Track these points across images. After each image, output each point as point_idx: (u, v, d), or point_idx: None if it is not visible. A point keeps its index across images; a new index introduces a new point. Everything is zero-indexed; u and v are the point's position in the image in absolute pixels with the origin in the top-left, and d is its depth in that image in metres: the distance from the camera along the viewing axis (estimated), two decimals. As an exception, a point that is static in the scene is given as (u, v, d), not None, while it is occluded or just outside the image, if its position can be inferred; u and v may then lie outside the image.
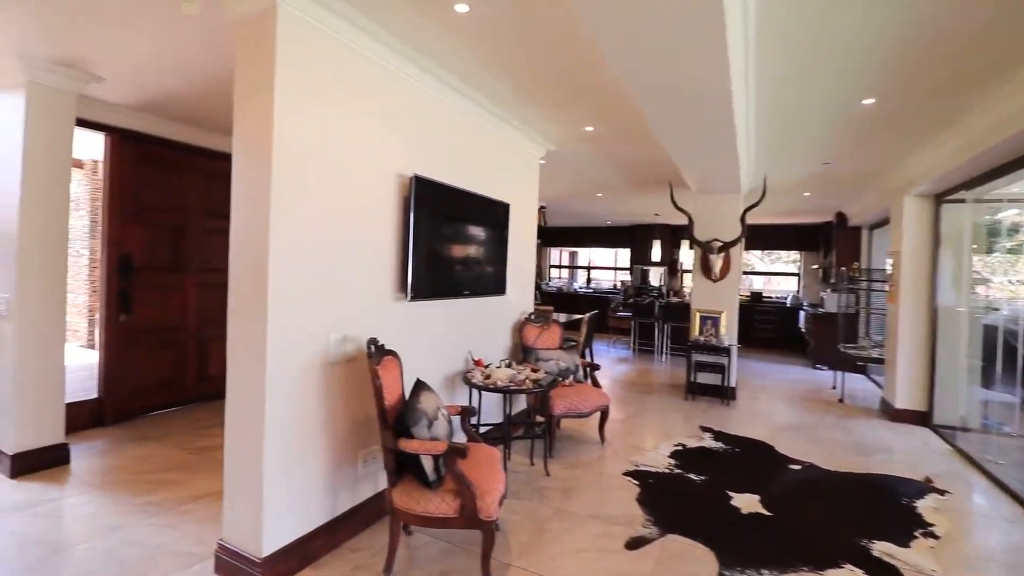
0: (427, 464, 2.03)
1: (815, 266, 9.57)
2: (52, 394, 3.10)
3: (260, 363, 2.00)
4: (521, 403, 4.14)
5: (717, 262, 5.41)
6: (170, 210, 4.28)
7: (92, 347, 6.37)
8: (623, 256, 12.81)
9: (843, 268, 6.68)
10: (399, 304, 2.74)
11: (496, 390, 2.96)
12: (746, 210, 5.14)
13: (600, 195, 7.24)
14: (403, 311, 2.78)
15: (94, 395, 3.88)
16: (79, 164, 6.30)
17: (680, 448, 3.84)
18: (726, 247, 5.35)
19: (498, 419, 3.62)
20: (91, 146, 4.88)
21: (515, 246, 3.92)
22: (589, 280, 13.26)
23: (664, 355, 8.03)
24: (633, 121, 3.64)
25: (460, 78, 2.99)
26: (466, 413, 2.54)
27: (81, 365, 4.95)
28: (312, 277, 2.19)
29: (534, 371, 3.28)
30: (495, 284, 3.60)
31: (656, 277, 11.04)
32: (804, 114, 3.45)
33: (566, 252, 13.49)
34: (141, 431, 3.78)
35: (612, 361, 7.62)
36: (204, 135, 4.41)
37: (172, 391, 4.32)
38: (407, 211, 2.69)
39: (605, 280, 13.32)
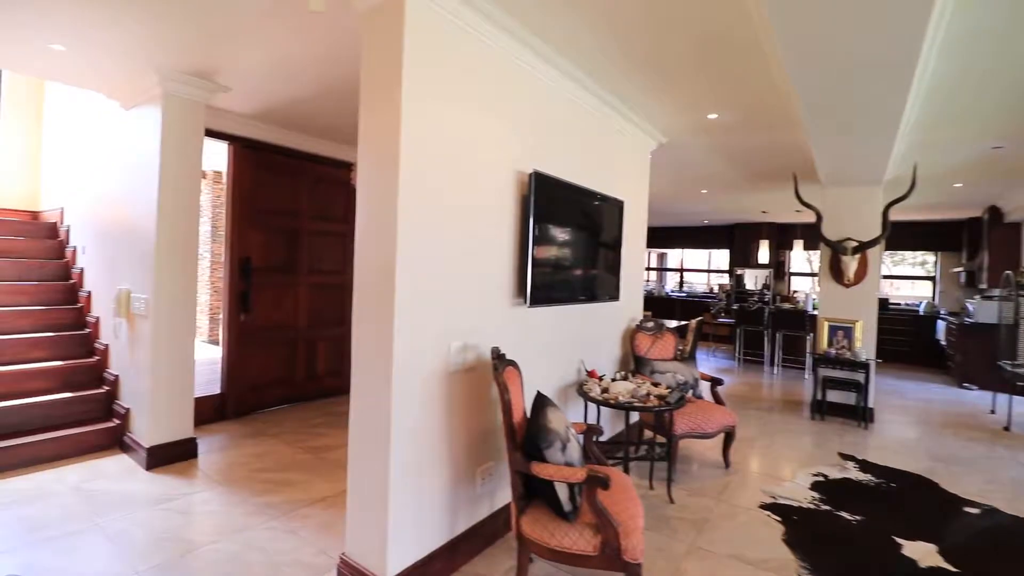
0: (562, 493, 1.80)
1: (956, 269, 8.30)
2: (183, 390, 3.25)
3: (387, 371, 1.88)
4: (631, 419, 3.82)
5: (851, 264, 4.75)
6: (283, 214, 4.43)
7: (215, 343, 6.87)
8: (717, 257, 11.98)
9: (1008, 273, 5.65)
10: (515, 310, 2.55)
11: (617, 406, 2.68)
12: (890, 204, 4.45)
13: (704, 191, 6.71)
14: (519, 317, 2.59)
15: (217, 390, 4.09)
16: (202, 174, 6.81)
17: (821, 479, 3.33)
18: (863, 247, 4.68)
19: (606, 435, 3.33)
20: (208, 158, 5.21)
21: (628, 247, 3.62)
22: (682, 283, 12.53)
23: (775, 367, 7.30)
24: (769, 105, 3.21)
25: (577, 64, 2.75)
26: (592, 432, 2.29)
27: (201, 360, 5.30)
28: (433, 281, 2.05)
29: (655, 385, 2.96)
30: (610, 288, 3.33)
31: (752, 280, 10.15)
32: (989, 82, 2.85)
33: (655, 253, 12.85)
34: (257, 427, 3.91)
35: (715, 372, 7.04)
36: (313, 141, 4.53)
37: (283, 388, 4.47)
38: (526, 210, 2.50)
39: (697, 283, 12.53)
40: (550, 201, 2.61)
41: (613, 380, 3.02)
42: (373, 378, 1.94)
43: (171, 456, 3.16)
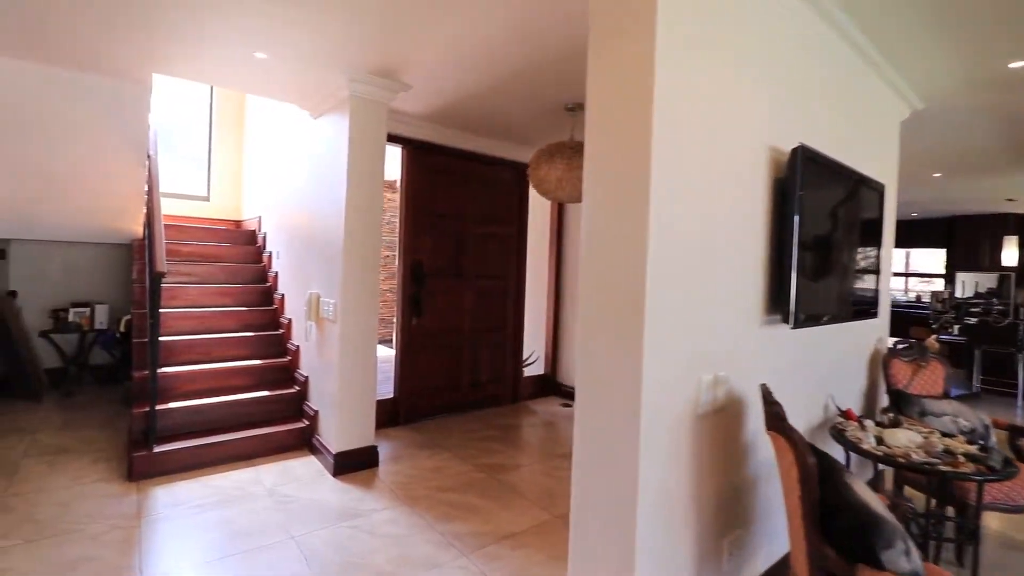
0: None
1: None
2: (366, 396, 3.19)
3: (632, 411, 1.43)
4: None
5: None
6: (451, 217, 4.30)
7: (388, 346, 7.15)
8: (921, 258, 9.82)
9: None
10: (766, 331, 1.96)
11: (907, 467, 1.93)
12: None
13: (937, 175, 5.32)
14: (771, 340, 1.99)
15: (390, 394, 4.07)
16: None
17: None
18: None
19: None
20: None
21: (885, 248, 2.79)
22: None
23: (1036, 401, 5.57)
24: None
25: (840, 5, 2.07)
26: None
27: (372, 361, 5.45)
28: (679, 297, 1.55)
29: (945, 436, 2.14)
30: (868, 302, 2.55)
31: (974, 285, 8.03)
32: None
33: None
34: (428, 435, 3.79)
35: (945, 402, 5.56)
36: (482, 141, 4.34)
37: (449, 394, 4.34)
38: (782, 197, 1.90)
39: (895, 288, 10.42)
40: (814, 186, 1.97)
41: (879, 424, 2.26)
42: (609, 419, 1.50)
43: (355, 463, 3.10)
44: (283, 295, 4.30)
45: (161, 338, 3.64)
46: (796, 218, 1.84)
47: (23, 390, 4.31)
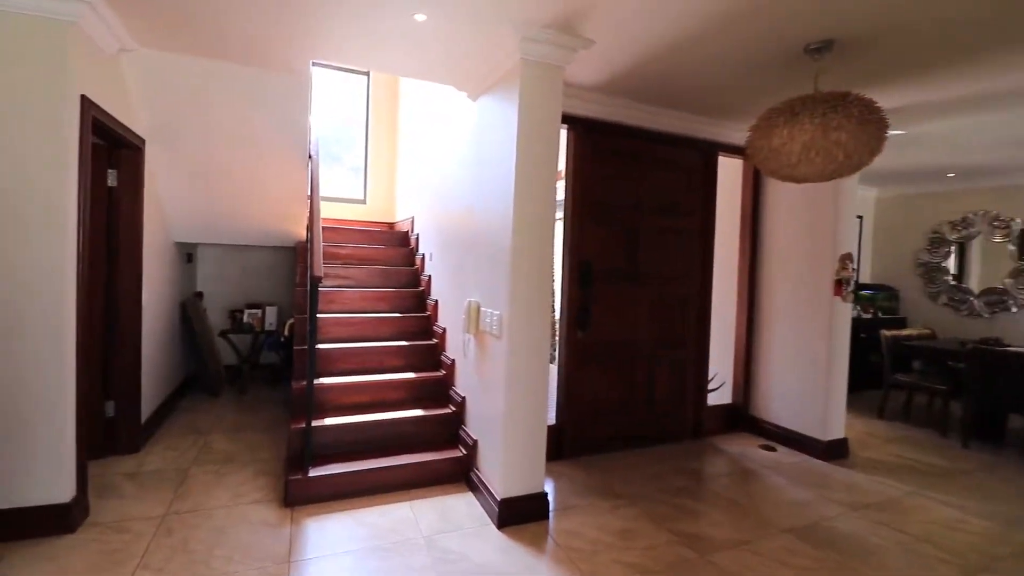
0: None
1: None
2: (536, 431, 2.60)
3: None
4: None
5: None
6: (625, 209, 3.56)
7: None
8: None
9: None
10: None
11: None
12: None
13: None
14: None
15: (551, 420, 3.46)
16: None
17: None
18: None
19: None
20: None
21: None
22: None
23: None
24: None
25: None
26: None
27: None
28: None
29: None
30: None
31: None
32: None
33: None
34: (602, 478, 3.09)
35: None
36: (662, 116, 3.52)
37: (620, 423, 3.60)
38: None
39: None
40: None
41: None
42: None
43: (523, 513, 2.52)
44: (436, 301, 3.94)
45: (318, 345, 3.45)
46: None
47: (205, 386, 4.54)
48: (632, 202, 3.59)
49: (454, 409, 3.21)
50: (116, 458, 3.08)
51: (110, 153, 3.05)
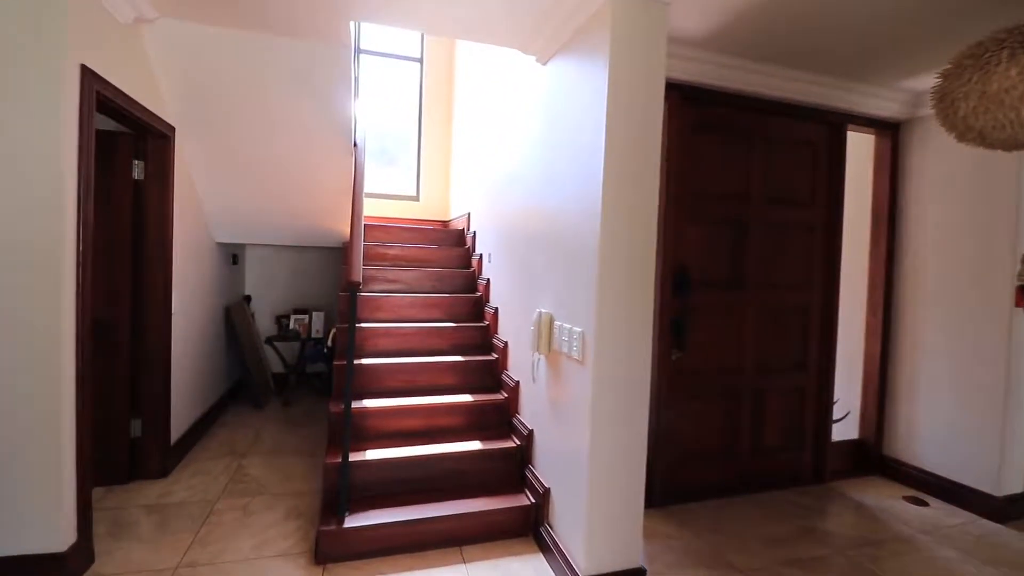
0: None
1: None
2: (631, 487, 1.99)
3: None
4: None
5: None
6: (730, 198, 2.86)
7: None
8: None
9: None
10: None
11: None
12: None
13: None
14: None
15: (636, 458, 2.82)
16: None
17: None
18: None
19: None
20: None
21: None
22: None
23: None
24: None
25: None
26: None
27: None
28: None
29: None
30: None
31: None
32: None
33: None
34: (707, 538, 2.43)
35: None
36: (779, 79, 2.79)
37: (720, 466, 2.90)
38: None
39: None
40: None
41: None
42: None
43: (612, 597, 1.92)
44: (496, 309, 3.39)
45: (361, 360, 2.98)
46: None
47: (250, 396, 4.23)
48: (739, 190, 2.88)
49: (519, 443, 2.64)
50: (141, 484, 2.74)
51: (135, 142, 2.71)
